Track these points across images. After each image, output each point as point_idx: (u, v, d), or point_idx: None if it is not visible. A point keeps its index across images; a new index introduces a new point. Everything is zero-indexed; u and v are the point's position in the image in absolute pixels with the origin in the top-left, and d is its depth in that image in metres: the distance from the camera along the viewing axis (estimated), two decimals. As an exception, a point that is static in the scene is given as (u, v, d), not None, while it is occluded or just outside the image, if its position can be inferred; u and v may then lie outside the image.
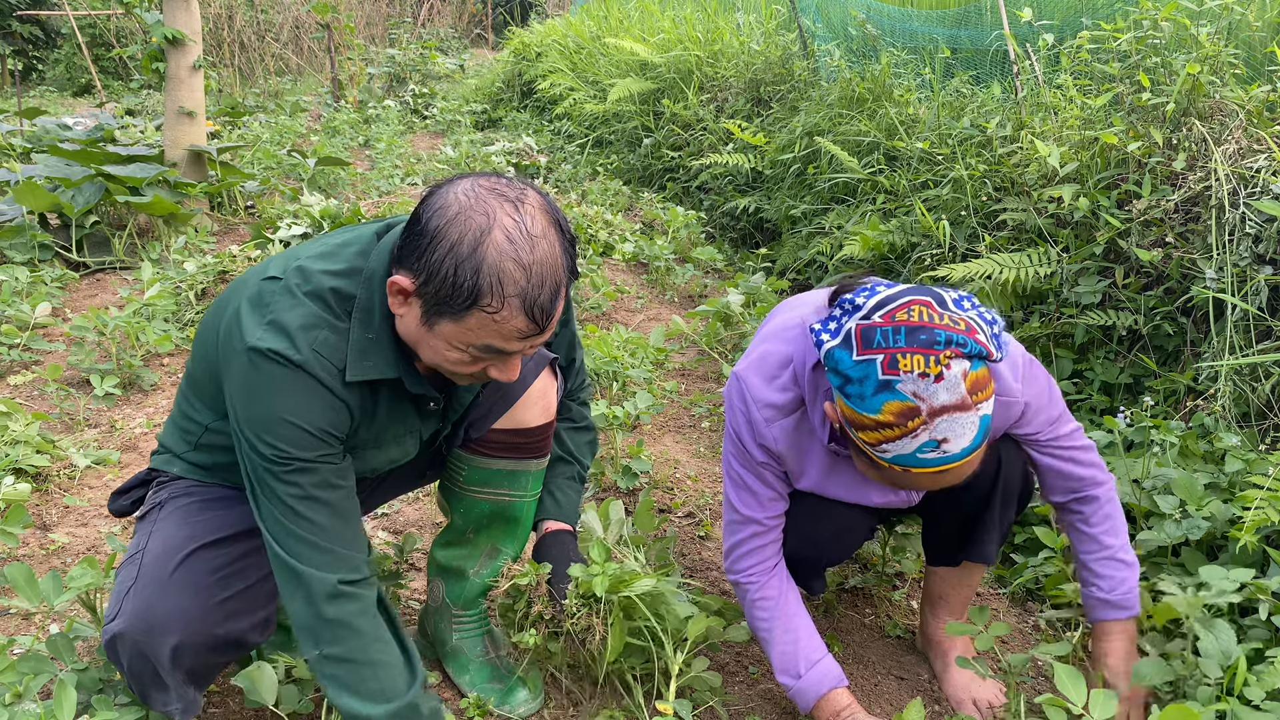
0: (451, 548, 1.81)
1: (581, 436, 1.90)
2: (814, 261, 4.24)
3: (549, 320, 1.32)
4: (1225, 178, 2.56)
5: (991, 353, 1.32)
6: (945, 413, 1.29)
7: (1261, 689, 1.56)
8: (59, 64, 14.60)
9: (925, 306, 1.33)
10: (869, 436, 1.35)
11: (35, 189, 4.23)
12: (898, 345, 1.30)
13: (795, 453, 1.62)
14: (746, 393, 1.60)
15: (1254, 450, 2.20)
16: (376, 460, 1.56)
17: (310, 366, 1.36)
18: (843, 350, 1.34)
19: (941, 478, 1.37)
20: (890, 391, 1.30)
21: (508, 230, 1.27)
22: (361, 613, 1.42)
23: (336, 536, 1.41)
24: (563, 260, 1.32)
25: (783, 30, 6.22)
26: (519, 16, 16.06)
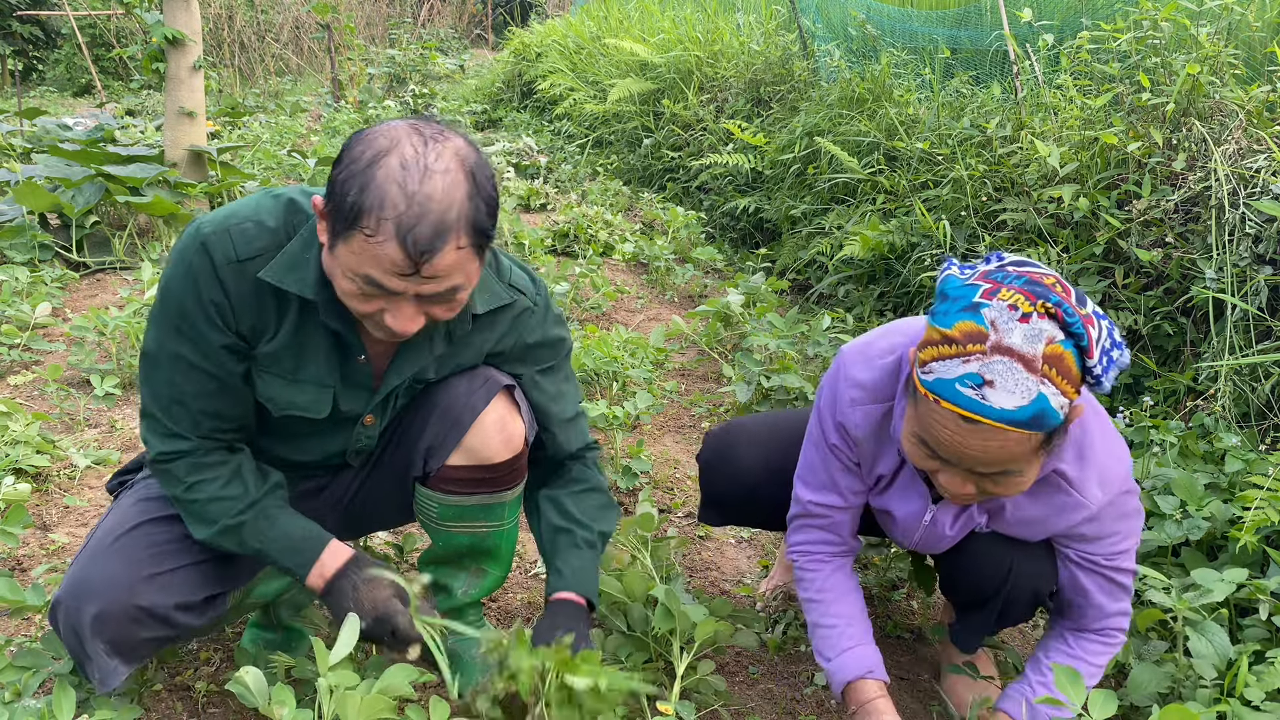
0: (437, 566, 1.79)
1: (589, 500, 1.73)
2: (814, 261, 4.24)
3: (426, 259, 1.25)
4: (1225, 178, 2.56)
5: (1092, 352, 1.21)
6: (1009, 354, 1.19)
7: (1261, 689, 1.56)
8: (59, 64, 14.60)
9: (1060, 282, 1.25)
10: (927, 353, 1.25)
11: (35, 189, 4.23)
12: (1008, 283, 1.23)
13: (872, 443, 1.54)
14: (841, 369, 1.54)
15: (1254, 450, 2.20)
16: (280, 394, 1.50)
17: (210, 243, 1.39)
18: (959, 277, 1.28)
19: (964, 435, 1.24)
20: (973, 311, 1.22)
21: (404, 157, 1.24)
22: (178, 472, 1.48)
23: (177, 408, 1.45)
24: (462, 207, 1.26)
25: (783, 30, 6.22)
26: (519, 17, 16.06)
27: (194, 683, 1.80)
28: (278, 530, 1.52)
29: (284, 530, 1.52)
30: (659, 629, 1.76)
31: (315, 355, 1.49)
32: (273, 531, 1.52)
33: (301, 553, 1.52)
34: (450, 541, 1.72)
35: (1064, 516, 1.47)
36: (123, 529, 1.54)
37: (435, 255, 1.25)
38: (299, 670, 1.70)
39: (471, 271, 1.34)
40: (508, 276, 1.59)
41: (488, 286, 1.53)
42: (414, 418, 1.63)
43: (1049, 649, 1.61)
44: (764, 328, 3.42)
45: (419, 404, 1.62)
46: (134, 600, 1.46)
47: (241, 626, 1.99)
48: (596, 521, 1.71)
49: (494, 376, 1.60)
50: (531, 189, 6.03)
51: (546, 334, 1.66)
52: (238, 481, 1.51)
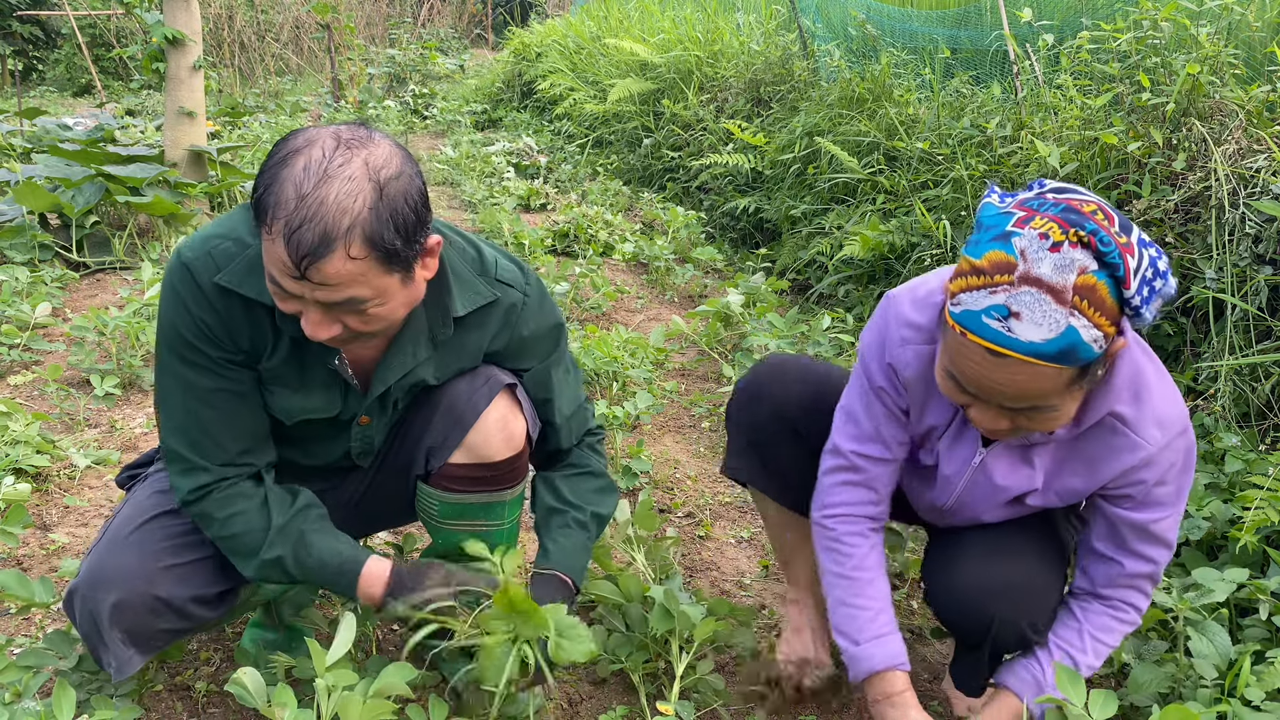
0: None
1: (584, 483, 1.75)
2: (814, 261, 4.24)
3: (309, 263, 1.22)
4: (1225, 178, 2.56)
5: (1129, 280, 1.15)
6: (1036, 285, 1.14)
7: (1261, 689, 1.56)
8: (59, 64, 14.59)
9: (1102, 210, 1.18)
10: (957, 284, 1.21)
11: (35, 189, 4.23)
12: (1044, 210, 1.18)
13: (923, 387, 1.46)
14: (889, 309, 1.47)
15: (1254, 450, 2.20)
16: (290, 402, 1.52)
17: (193, 265, 1.40)
18: (995, 205, 1.23)
19: (990, 368, 1.20)
20: (1003, 240, 1.17)
21: (310, 160, 1.23)
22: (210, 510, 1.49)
23: (198, 436, 1.46)
24: (358, 216, 1.22)
25: (783, 30, 6.23)
26: (519, 16, 16.05)
27: (194, 683, 1.80)
28: (315, 559, 1.52)
29: (320, 559, 1.52)
30: (657, 629, 1.77)
31: (316, 362, 1.50)
32: (310, 560, 1.52)
33: (341, 579, 1.53)
34: (450, 540, 1.72)
35: (1119, 459, 1.40)
36: (140, 519, 1.55)
37: (319, 261, 1.22)
38: (299, 670, 1.70)
39: (381, 286, 1.29)
40: (493, 271, 1.57)
41: (469, 287, 1.52)
42: (417, 417, 1.64)
43: (1060, 623, 1.56)
44: (764, 328, 3.42)
45: (422, 404, 1.63)
46: (152, 590, 1.48)
47: (241, 626, 1.99)
48: (590, 504, 1.73)
49: (496, 375, 1.60)
50: (531, 189, 6.03)
51: (541, 324, 1.64)
52: (265, 511, 1.51)
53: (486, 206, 5.59)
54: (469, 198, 6.13)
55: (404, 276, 1.33)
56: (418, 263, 1.35)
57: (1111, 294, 1.16)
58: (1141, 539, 1.47)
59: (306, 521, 1.53)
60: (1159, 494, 1.43)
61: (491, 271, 1.56)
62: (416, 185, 1.31)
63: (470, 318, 1.55)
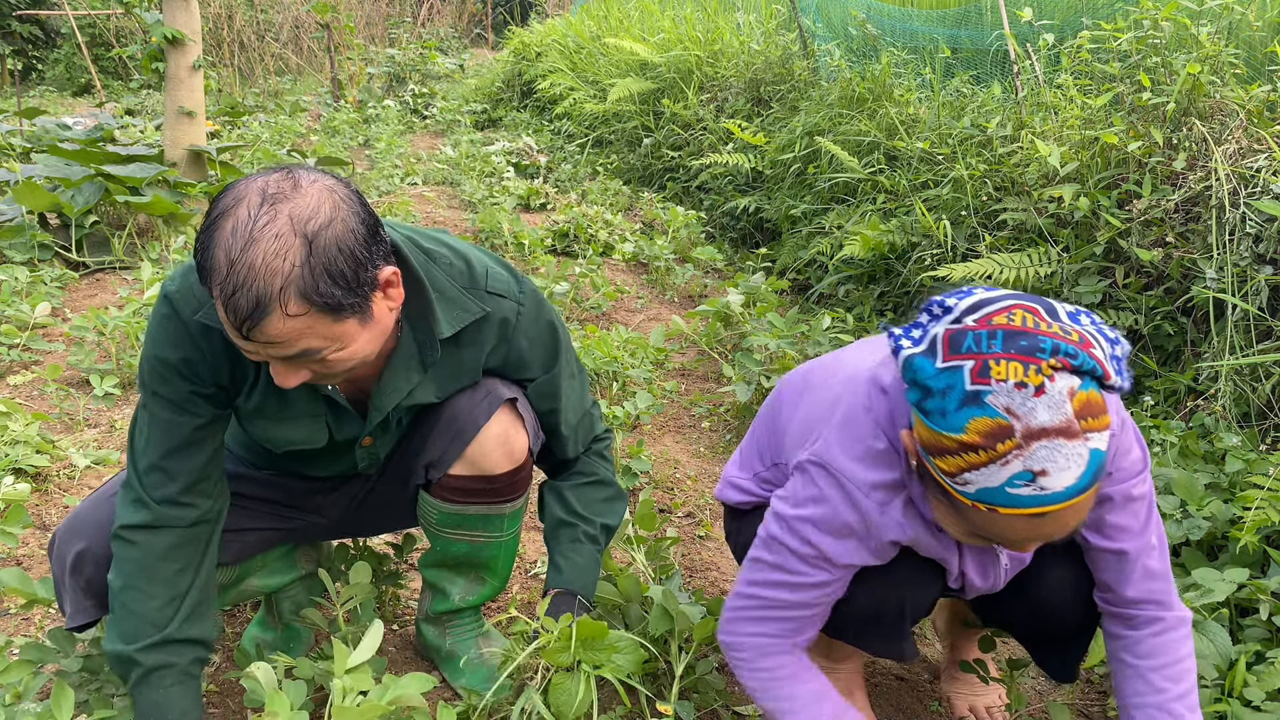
0: (436, 569, 1.79)
1: (593, 493, 1.74)
2: (814, 261, 4.24)
3: (248, 327, 1.21)
4: (1225, 177, 2.56)
5: (1109, 374, 1.08)
6: (1045, 436, 1.06)
7: (1261, 689, 1.56)
8: (59, 64, 14.59)
9: (1030, 313, 1.10)
10: (949, 464, 1.12)
11: (35, 189, 4.23)
12: (992, 350, 1.08)
13: (926, 536, 1.35)
14: (844, 481, 1.31)
15: (1254, 450, 2.20)
16: (274, 434, 1.53)
17: (175, 300, 1.40)
18: (925, 358, 1.12)
19: (1038, 525, 1.12)
20: (978, 405, 1.07)
21: (236, 220, 1.20)
22: (132, 559, 1.44)
23: (155, 481, 1.44)
24: (289, 276, 1.19)
25: (783, 30, 6.22)
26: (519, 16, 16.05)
27: (194, 683, 1.80)
28: (145, 711, 1.45)
29: (149, 715, 1.45)
30: (656, 630, 1.76)
31: (297, 390, 1.48)
32: (140, 710, 1.45)
33: None
34: (448, 548, 1.72)
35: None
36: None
37: (259, 324, 1.21)
38: (300, 670, 1.70)
39: (334, 334, 1.27)
40: (484, 283, 1.53)
41: (456, 304, 1.49)
42: (418, 432, 1.63)
43: (1123, 687, 1.40)
44: (764, 328, 3.41)
45: (424, 418, 1.62)
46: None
47: (241, 627, 1.99)
48: (599, 515, 1.72)
49: (497, 390, 1.59)
50: (531, 189, 6.03)
51: (539, 333, 1.61)
52: (170, 608, 1.45)
53: (486, 206, 5.59)
54: (469, 197, 6.13)
55: (360, 319, 1.30)
56: (372, 300, 1.31)
57: (1099, 392, 1.10)
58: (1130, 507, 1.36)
59: (183, 655, 1.47)
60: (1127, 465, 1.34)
61: (482, 283, 1.53)
62: (351, 228, 1.25)
63: (463, 334, 1.52)
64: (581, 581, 1.68)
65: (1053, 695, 1.90)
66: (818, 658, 1.75)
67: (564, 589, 1.67)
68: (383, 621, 1.99)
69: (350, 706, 1.36)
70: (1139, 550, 1.37)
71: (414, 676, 1.45)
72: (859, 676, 1.74)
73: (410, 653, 1.94)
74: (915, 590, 1.45)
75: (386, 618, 2.03)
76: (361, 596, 1.79)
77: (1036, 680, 1.94)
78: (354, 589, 1.78)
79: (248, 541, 1.67)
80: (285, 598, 1.87)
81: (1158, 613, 1.38)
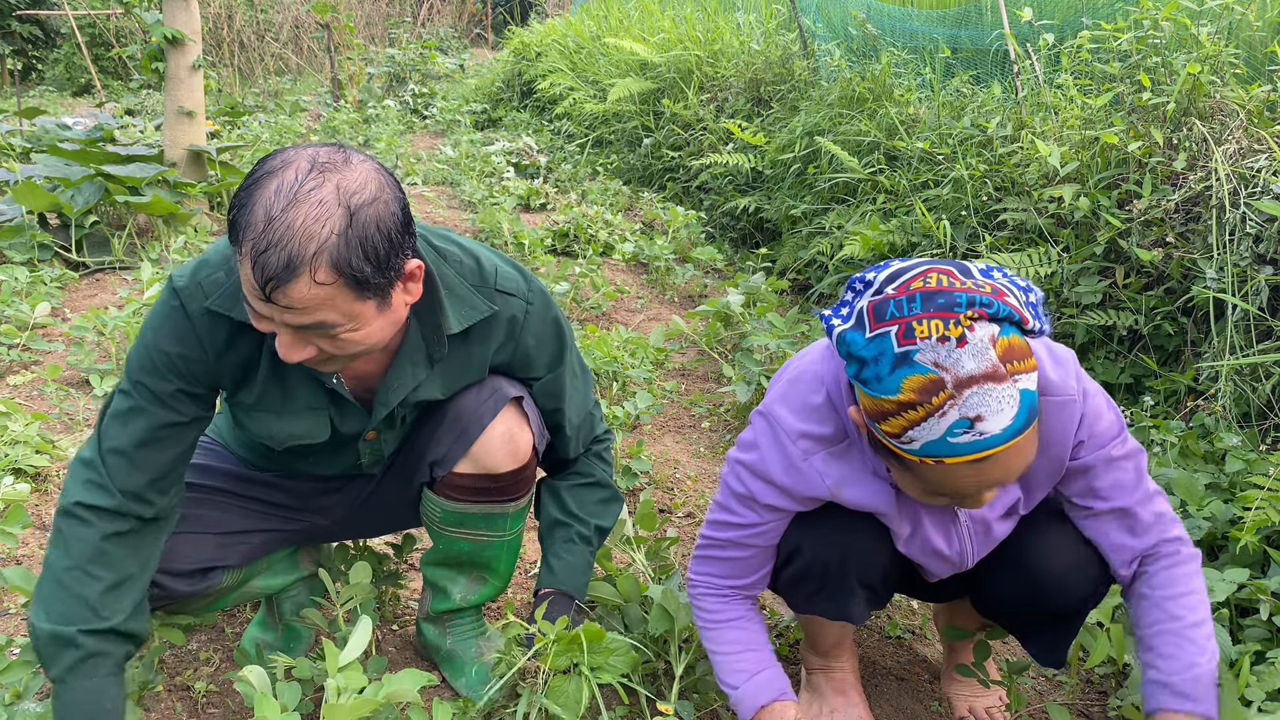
0: (438, 567, 1.79)
1: (589, 494, 1.76)
2: (814, 261, 4.24)
3: (274, 287, 1.20)
4: (1226, 177, 2.56)
5: (1025, 318, 1.15)
6: (974, 384, 1.11)
7: (1261, 689, 1.56)
8: (58, 64, 14.59)
9: (944, 274, 1.16)
10: (893, 425, 1.17)
11: (35, 189, 4.22)
12: (913, 313, 1.13)
13: (854, 489, 1.41)
14: (777, 427, 1.40)
15: (1254, 450, 2.20)
16: (277, 429, 1.52)
17: (183, 294, 1.40)
18: (855, 331, 1.18)
19: (983, 470, 1.17)
20: (908, 365, 1.12)
21: (283, 182, 1.21)
22: (83, 539, 1.41)
23: (121, 467, 1.42)
24: (325, 241, 1.20)
25: (783, 30, 6.22)
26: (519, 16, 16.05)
27: (193, 683, 1.80)
28: (77, 697, 1.40)
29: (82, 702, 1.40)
30: (656, 630, 1.76)
31: (299, 381, 1.49)
32: (71, 695, 1.40)
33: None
34: (450, 547, 1.72)
35: (1063, 417, 1.35)
36: None
37: (285, 285, 1.21)
38: (299, 670, 1.70)
39: (353, 312, 1.28)
40: (493, 281, 1.54)
41: (465, 302, 1.50)
42: (424, 429, 1.64)
43: (1140, 619, 1.42)
44: (764, 328, 3.41)
45: (429, 415, 1.62)
46: None
47: (241, 627, 1.99)
48: (594, 516, 1.74)
49: (502, 388, 1.59)
50: (531, 189, 6.03)
51: (546, 331, 1.62)
52: (113, 596, 1.42)
53: (486, 206, 5.59)
54: (469, 197, 6.13)
55: (379, 303, 1.31)
56: (395, 289, 1.32)
57: (1020, 337, 1.15)
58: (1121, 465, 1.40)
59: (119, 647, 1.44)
60: (1106, 423, 1.38)
61: (491, 281, 1.54)
62: (392, 211, 1.27)
63: (471, 332, 1.53)
64: (573, 582, 1.71)
65: (1052, 695, 1.90)
66: (812, 656, 1.75)
67: (556, 589, 1.69)
68: (383, 621, 2.00)
69: (341, 704, 1.36)
70: (1138, 503, 1.41)
71: (409, 673, 1.45)
72: (855, 676, 1.75)
73: (410, 653, 1.94)
74: (859, 550, 1.51)
75: (387, 618, 2.03)
76: (361, 596, 1.79)
77: (1036, 681, 1.94)
78: (354, 589, 1.78)
79: (253, 544, 1.67)
80: (286, 598, 1.87)
81: (1171, 548, 1.41)
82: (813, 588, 1.55)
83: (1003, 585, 1.55)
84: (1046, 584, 1.49)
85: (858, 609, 1.57)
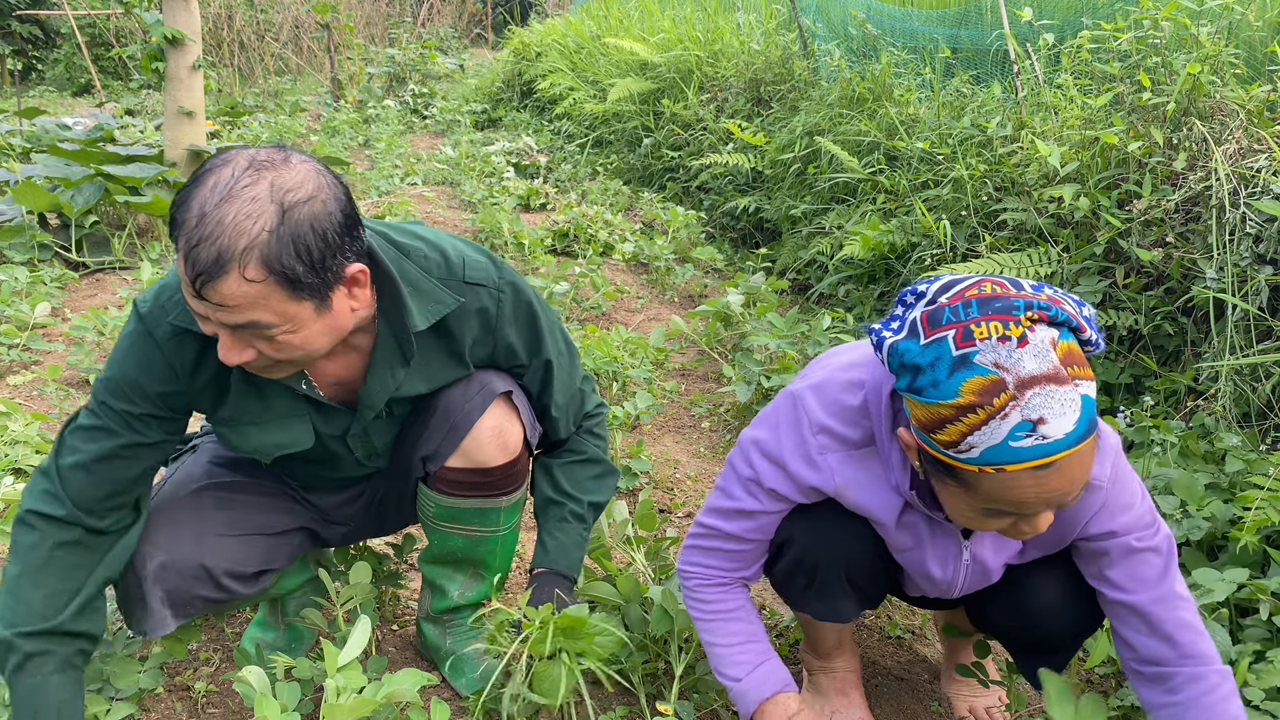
0: (435, 565, 1.80)
1: (582, 471, 1.76)
2: (814, 261, 4.24)
3: (203, 282, 1.20)
4: (1226, 177, 2.56)
5: (1083, 326, 1.12)
6: (1036, 384, 1.07)
7: (1261, 689, 1.56)
8: (58, 64, 14.59)
9: (998, 284, 1.14)
10: (950, 433, 1.12)
11: (35, 189, 4.22)
12: (970, 317, 1.11)
13: (861, 494, 1.39)
14: (803, 414, 1.38)
15: (1254, 450, 2.20)
16: (261, 440, 1.53)
17: (147, 320, 1.41)
18: (908, 340, 1.15)
19: (1046, 480, 1.11)
20: (967, 367, 1.09)
21: (219, 179, 1.22)
22: (32, 546, 1.43)
23: (78, 480, 1.43)
24: (256, 238, 1.20)
25: (783, 30, 6.23)
26: (519, 16, 16.06)
27: (193, 683, 1.80)
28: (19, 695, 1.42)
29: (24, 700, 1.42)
30: (657, 630, 1.77)
31: (275, 390, 1.49)
32: (15, 694, 1.42)
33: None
34: (445, 543, 1.72)
35: (1083, 510, 1.33)
36: (193, 486, 1.60)
37: (215, 281, 1.20)
38: (299, 670, 1.70)
39: (288, 313, 1.26)
40: (461, 273, 1.52)
41: (430, 297, 1.48)
42: (415, 425, 1.64)
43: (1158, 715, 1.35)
44: (764, 328, 3.41)
45: (420, 411, 1.63)
46: (199, 558, 1.53)
47: (241, 627, 1.99)
48: (587, 493, 1.75)
49: (491, 384, 1.59)
50: (531, 189, 6.03)
51: (521, 319, 1.60)
52: (58, 600, 1.43)
53: (486, 206, 5.59)
54: (469, 197, 6.13)
55: (317, 305, 1.29)
56: (334, 292, 1.31)
57: (1078, 345, 1.13)
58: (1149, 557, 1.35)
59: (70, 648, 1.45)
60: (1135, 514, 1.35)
61: (460, 273, 1.52)
62: (329, 211, 1.26)
63: (445, 326, 1.52)
64: (566, 560, 1.72)
65: (1053, 695, 1.90)
66: (813, 658, 1.75)
67: (548, 568, 1.70)
68: (383, 621, 2.00)
69: (341, 704, 1.36)
70: (1155, 601, 1.34)
71: (408, 672, 1.45)
72: (855, 676, 1.74)
73: (411, 653, 1.94)
74: (850, 548, 1.49)
75: (387, 618, 2.03)
76: (361, 596, 1.79)
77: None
78: (354, 589, 1.78)
79: (294, 545, 1.70)
80: (291, 598, 1.88)
81: (1195, 668, 1.32)
82: (803, 583, 1.54)
83: (996, 611, 1.54)
84: (1040, 615, 1.48)
85: (846, 608, 1.56)
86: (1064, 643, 1.51)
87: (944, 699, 1.86)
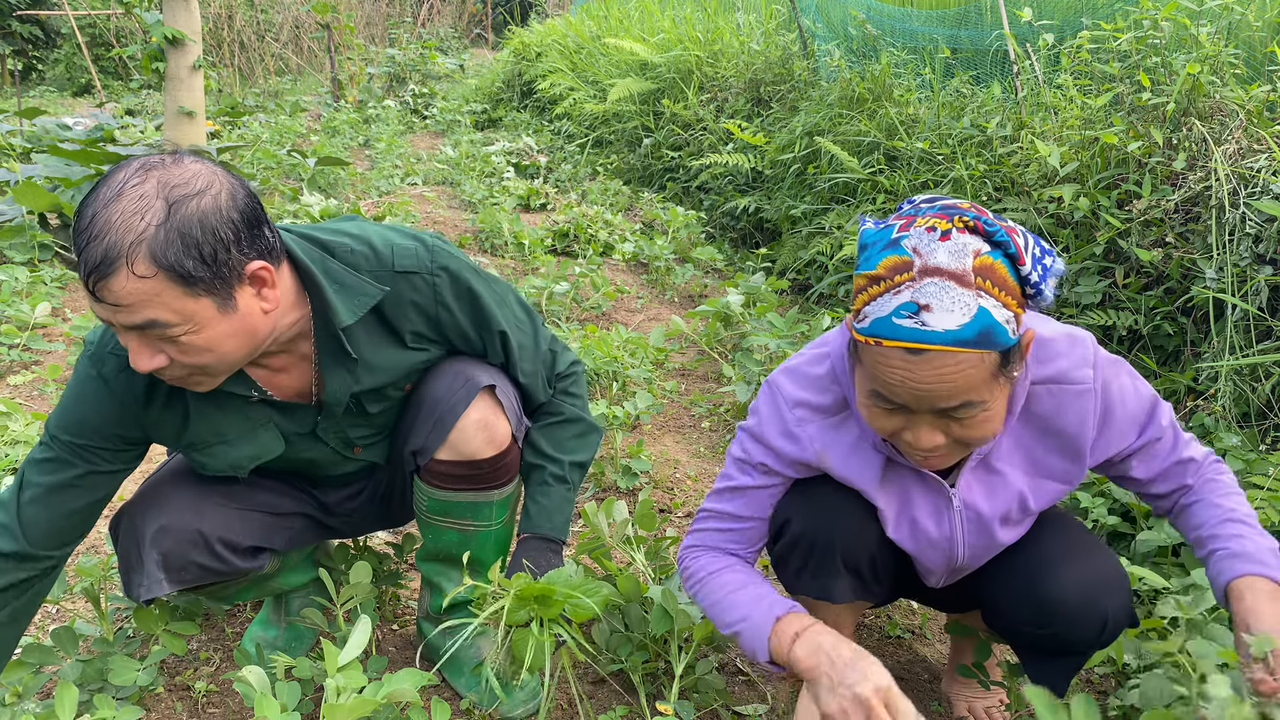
0: (432, 563, 1.80)
1: (561, 431, 1.75)
2: (814, 261, 4.24)
3: (94, 280, 1.22)
4: (1225, 178, 2.56)
5: (1022, 256, 1.16)
6: (938, 275, 1.13)
7: (1262, 689, 1.56)
8: (59, 64, 14.60)
9: (975, 208, 1.20)
10: (859, 302, 1.20)
11: (35, 189, 4.23)
12: (924, 213, 1.20)
13: (840, 457, 1.44)
14: (778, 394, 1.46)
15: (1254, 450, 2.20)
16: (234, 456, 1.54)
17: (94, 359, 1.45)
18: (872, 228, 1.23)
19: (915, 368, 1.16)
20: (894, 247, 1.17)
21: (111, 182, 1.24)
22: None
23: (32, 513, 1.46)
24: (144, 234, 1.21)
25: (783, 30, 6.23)
26: (519, 16, 16.06)
27: (194, 682, 1.80)
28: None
29: None
30: (657, 630, 1.77)
31: (232, 404, 1.50)
32: None
33: None
34: (439, 538, 1.73)
35: (1075, 411, 1.36)
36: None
37: (106, 278, 1.21)
38: (299, 670, 1.70)
39: (186, 312, 1.26)
40: (391, 263, 1.50)
41: (355, 290, 1.47)
42: (403, 419, 1.65)
43: (1190, 524, 1.43)
44: (764, 328, 3.42)
45: (408, 406, 1.64)
46: (197, 524, 1.55)
47: (241, 627, 1.99)
48: (568, 453, 1.74)
49: (475, 378, 1.59)
50: (531, 189, 6.03)
51: (463, 302, 1.58)
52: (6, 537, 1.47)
53: (486, 206, 5.59)
54: (469, 198, 6.13)
55: (219, 304, 1.28)
56: (237, 290, 1.30)
57: (1010, 272, 1.17)
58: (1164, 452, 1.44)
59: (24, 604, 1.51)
60: (1131, 413, 1.40)
61: (389, 263, 1.50)
62: (220, 205, 1.26)
63: (384, 316, 1.51)
64: (550, 523, 1.71)
65: (1053, 695, 1.90)
66: None
67: (533, 533, 1.71)
68: (383, 621, 2.00)
69: (341, 704, 1.36)
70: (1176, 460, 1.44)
71: (408, 672, 1.45)
72: None
73: (411, 653, 1.94)
74: (846, 529, 1.50)
75: (387, 617, 2.03)
76: (361, 596, 1.79)
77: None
78: (354, 588, 1.78)
79: (295, 530, 1.73)
80: (295, 596, 1.88)
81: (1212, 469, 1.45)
82: (799, 563, 1.54)
83: (1014, 605, 1.51)
84: (1058, 615, 1.45)
85: (839, 588, 1.54)
86: (1076, 646, 1.49)
87: (944, 699, 1.86)
